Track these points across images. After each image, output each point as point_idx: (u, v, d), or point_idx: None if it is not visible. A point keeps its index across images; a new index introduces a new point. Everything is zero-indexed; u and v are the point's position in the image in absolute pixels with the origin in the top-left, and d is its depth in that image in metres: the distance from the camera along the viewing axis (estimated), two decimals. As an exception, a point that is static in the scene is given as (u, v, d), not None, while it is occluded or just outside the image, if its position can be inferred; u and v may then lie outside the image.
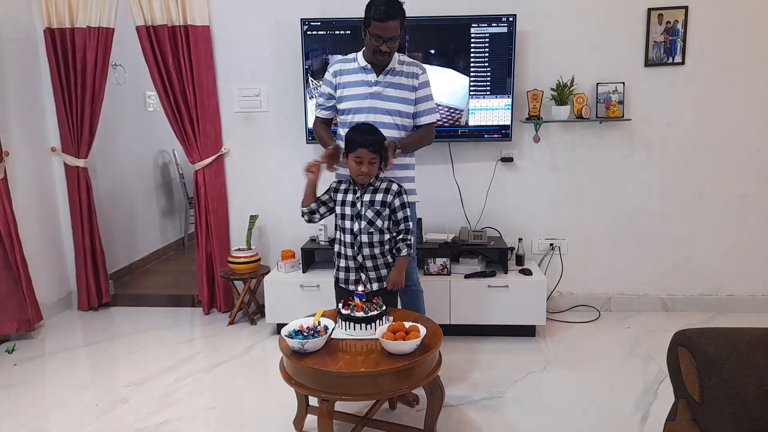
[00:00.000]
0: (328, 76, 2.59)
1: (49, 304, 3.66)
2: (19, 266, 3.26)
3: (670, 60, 3.32)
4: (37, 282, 3.43)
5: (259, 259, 3.54)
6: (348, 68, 2.54)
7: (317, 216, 2.42)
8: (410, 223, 2.37)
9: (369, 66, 2.49)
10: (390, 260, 2.38)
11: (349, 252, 2.35)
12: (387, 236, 2.35)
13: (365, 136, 2.26)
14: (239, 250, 3.52)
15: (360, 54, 2.52)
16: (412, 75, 2.52)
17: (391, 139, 2.42)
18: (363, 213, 2.30)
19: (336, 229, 2.42)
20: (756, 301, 3.53)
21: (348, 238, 2.34)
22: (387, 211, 2.32)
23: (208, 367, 2.96)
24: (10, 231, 3.21)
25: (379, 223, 2.31)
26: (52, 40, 3.46)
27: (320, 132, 2.68)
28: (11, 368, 2.98)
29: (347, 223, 2.33)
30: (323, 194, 2.42)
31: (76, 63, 3.47)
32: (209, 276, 3.69)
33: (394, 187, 2.34)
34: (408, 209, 2.37)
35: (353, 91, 2.52)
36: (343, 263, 2.39)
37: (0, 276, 3.21)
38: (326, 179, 2.46)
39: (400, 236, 2.35)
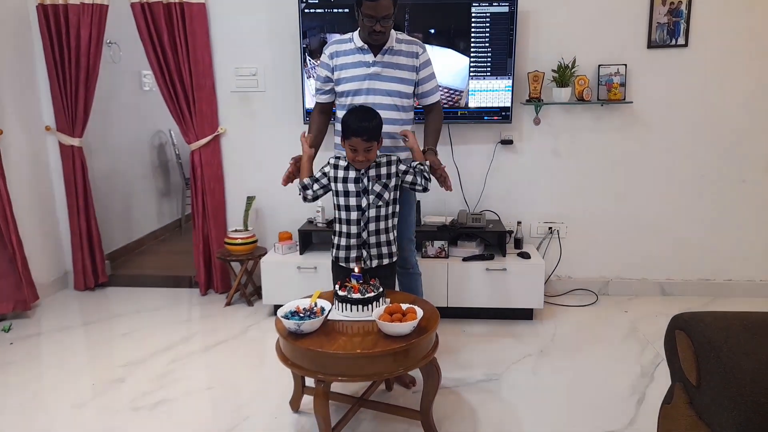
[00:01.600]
0: (324, 58, 2.53)
1: (46, 283, 3.65)
2: (15, 246, 3.25)
3: (674, 42, 3.27)
4: (32, 262, 3.42)
5: (255, 241, 3.52)
6: (344, 49, 2.48)
7: (310, 192, 2.37)
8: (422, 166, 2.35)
9: (366, 46, 2.44)
10: (392, 242, 2.36)
11: (354, 229, 2.32)
12: (391, 209, 2.34)
13: (360, 123, 2.20)
14: (236, 231, 3.50)
15: (356, 34, 2.47)
16: (412, 54, 2.47)
17: (390, 121, 2.39)
18: (371, 187, 2.28)
19: (336, 208, 2.38)
20: (754, 286, 3.53)
21: (354, 215, 2.30)
22: (392, 183, 2.31)
23: (204, 347, 2.96)
24: (5, 210, 3.19)
25: (386, 195, 2.30)
26: (45, 17, 3.39)
27: (311, 124, 2.62)
28: (7, 347, 2.98)
29: (352, 200, 2.30)
30: (318, 172, 2.37)
31: (70, 40, 3.41)
32: (206, 257, 3.67)
33: (393, 157, 2.33)
34: (414, 164, 2.36)
35: (351, 73, 2.47)
36: (344, 242, 2.36)
37: (-5, 255, 3.20)
38: (321, 158, 2.43)
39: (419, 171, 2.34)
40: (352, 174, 2.29)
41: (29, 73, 3.56)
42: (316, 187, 2.37)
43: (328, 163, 2.36)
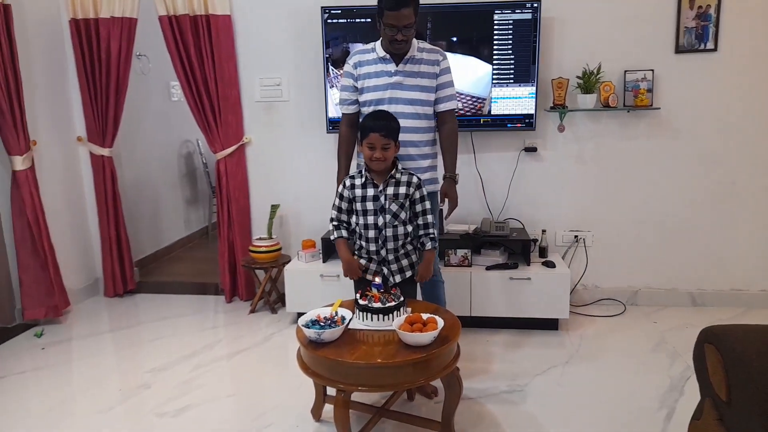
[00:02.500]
0: (348, 68, 2.55)
1: (77, 290, 3.74)
2: (47, 253, 3.33)
3: (702, 46, 3.20)
4: (64, 269, 3.51)
5: (280, 249, 3.55)
6: (367, 59, 2.50)
7: (343, 225, 2.37)
8: (429, 216, 2.33)
9: (388, 56, 2.45)
10: (411, 252, 2.36)
11: (372, 247, 2.31)
12: (409, 228, 2.33)
13: (377, 121, 2.23)
14: (260, 239, 3.54)
15: (378, 44, 2.49)
16: (434, 62, 2.48)
17: (410, 130, 2.39)
18: (387, 207, 2.27)
19: (355, 227, 2.36)
20: (790, 297, 3.41)
21: (372, 233, 2.30)
22: (408, 203, 2.30)
23: (228, 354, 2.99)
24: (38, 219, 3.28)
25: (402, 215, 2.29)
26: (77, 31, 3.50)
27: (340, 148, 2.60)
28: (39, 352, 3.06)
29: (370, 218, 2.29)
30: (339, 202, 2.34)
31: (101, 53, 3.51)
32: (231, 265, 3.72)
33: (414, 179, 2.31)
34: (427, 202, 2.34)
35: (373, 82, 2.48)
36: (364, 259, 2.36)
37: (28, 263, 3.29)
38: (335, 175, 2.43)
39: (422, 231, 2.33)
40: (370, 192, 2.28)
41: (62, 85, 3.67)
42: (345, 218, 2.36)
43: (344, 185, 2.33)
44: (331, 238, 2.40)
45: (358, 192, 2.30)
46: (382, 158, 2.21)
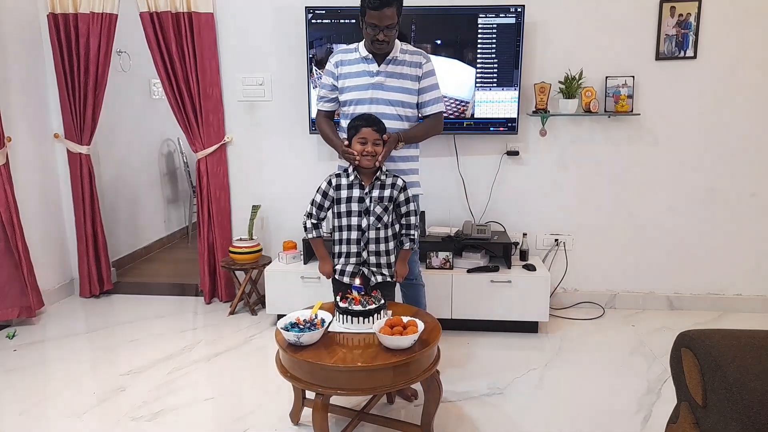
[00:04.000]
0: (329, 66, 2.54)
1: (51, 290, 3.66)
2: (21, 252, 3.26)
3: (682, 54, 3.24)
4: (38, 268, 3.43)
5: (260, 250, 3.52)
6: (349, 58, 2.49)
7: (321, 224, 2.38)
8: (412, 218, 2.34)
9: (370, 56, 2.44)
10: (391, 253, 2.35)
11: (354, 248, 2.31)
12: (391, 231, 2.32)
13: (369, 119, 2.26)
14: (241, 240, 3.50)
15: (361, 44, 2.48)
16: (416, 64, 2.47)
17: (393, 131, 2.38)
18: (372, 209, 2.26)
19: (336, 229, 2.34)
20: (764, 301, 3.47)
21: (354, 234, 2.29)
22: (392, 206, 2.30)
23: (207, 356, 2.94)
24: (12, 217, 3.20)
25: (386, 218, 2.29)
26: (55, 26, 3.43)
27: (325, 129, 2.59)
28: (11, 353, 2.99)
29: (353, 220, 2.28)
30: (320, 199, 2.32)
31: (80, 49, 3.44)
32: (211, 265, 3.67)
33: (399, 182, 2.31)
34: (412, 204, 2.34)
35: (355, 82, 2.47)
36: (343, 260, 2.35)
37: (1, 262, 3.21)
38: (317, 177, 2.42)
39: (404, 231, 2.35)
40: (356, 193, 2.27)
41: (38, 81, 3.59)
42: (322, 215, 2.35)
43: (329, 184, 2.31)
44: (308, 236, 2.37)
45: (344, 193, 2.28)
46: (373, 153, 2.21)
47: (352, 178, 2.28)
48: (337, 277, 2.37)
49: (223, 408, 2.45)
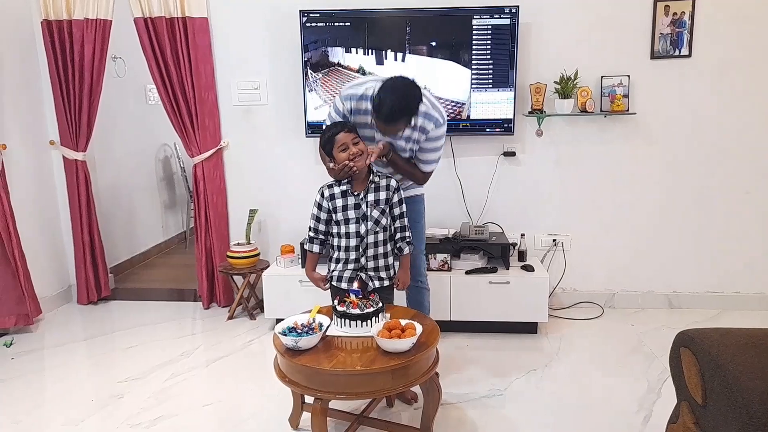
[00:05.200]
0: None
1: (48, 297, 3.65)
2: (17, 260, 3.25)
3: (677, 52, 3.24)
4: (35, 276, 3.42)
5: (258, 254, 3.51)
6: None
7: (327, 237, 2.36)
8: (405, 219, 2.33)
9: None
10: (389, 255, 2.34)
11: (353, 255, 2.28)
12: (389, 234, 2.31)
13: (335, 127, 2.21)
14: (238, 244, 3.49)
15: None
16: (422, 129, 2.36)
17: (384, 141, 2.35)
18: (369, 213, 2.24)
19: (334, 236, 2.32)
20: (763, 299, 3.47)
21: (353, 241, 2.26)
22: (388, 208, 2.28)
23: (206, 362, 2.93)
24: (8, 225, 3.19)
25: (383, 221, 2.27)
26: (49, 32, 3.42)
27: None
28: (9, 362, 2.97)
29: (351, 227, 2.25)
30: (318, 213, 2.30)
31: (74, 55, 3.43)
32: (209, 270, 3.66)
33: (393, 183, 2.29)
34: (404, 206, 2.32)
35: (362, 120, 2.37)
36: (341, 266, 2.32)
37: (-2, 270, 3.20)
38: (314, 180, 2.40)
39: (399, 234, 2.32)
40: (351, 201, 2.25)
41: (33, 87, 3.58)
42: (322, 228, 2.33)
43: (322, 195, 2.28)
44: (306, 247, 2.38)
45: (339, 202, 2.26)
46: (359, 152, 2.17)
47: (344, 187, 2.25)
48: (334, 283, 2.36)
49: (222, 414, 2.44)
